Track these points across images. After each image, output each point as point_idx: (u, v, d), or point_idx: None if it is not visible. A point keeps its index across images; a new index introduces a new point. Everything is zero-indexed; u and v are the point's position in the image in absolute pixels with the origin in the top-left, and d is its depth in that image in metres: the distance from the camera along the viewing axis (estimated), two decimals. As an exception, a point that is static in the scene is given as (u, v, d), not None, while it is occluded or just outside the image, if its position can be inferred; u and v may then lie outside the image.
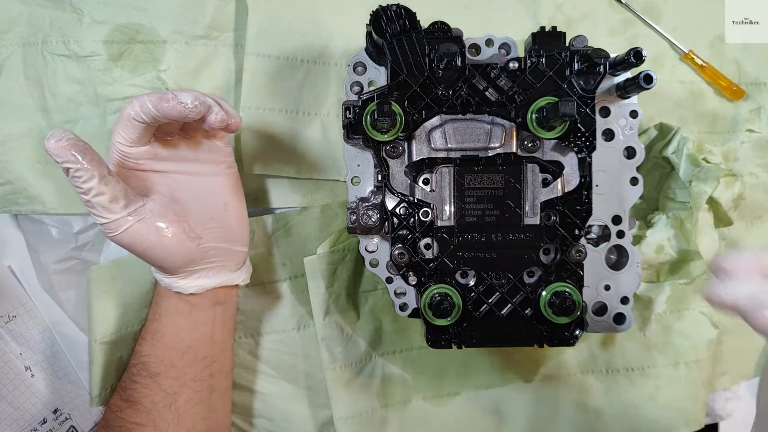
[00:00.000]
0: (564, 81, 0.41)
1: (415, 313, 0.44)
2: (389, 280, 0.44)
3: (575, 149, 0.42)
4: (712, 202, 0.49)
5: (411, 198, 0.42)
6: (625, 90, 0.42)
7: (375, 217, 0.42)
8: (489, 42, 0.43)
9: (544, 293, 0.42)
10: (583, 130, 0.41)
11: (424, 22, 0.41)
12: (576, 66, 0.40)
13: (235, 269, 0.44)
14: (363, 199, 0.44)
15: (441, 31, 0.41)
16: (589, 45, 0.41)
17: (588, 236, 0.44)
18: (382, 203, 0.43)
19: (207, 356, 0.45)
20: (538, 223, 0.42)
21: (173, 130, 0.40)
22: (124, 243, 0.38)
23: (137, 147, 0.38)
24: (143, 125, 0.37)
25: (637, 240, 0.49)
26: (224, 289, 0.45)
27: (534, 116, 0.41)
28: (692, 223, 0.48)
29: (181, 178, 0.41)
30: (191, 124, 0.40)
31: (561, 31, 0.42)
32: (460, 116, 0.42)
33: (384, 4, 0.40)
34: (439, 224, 0.42)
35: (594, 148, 0.41)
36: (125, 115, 0.36)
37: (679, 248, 0.49)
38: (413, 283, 0.42)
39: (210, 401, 0.46)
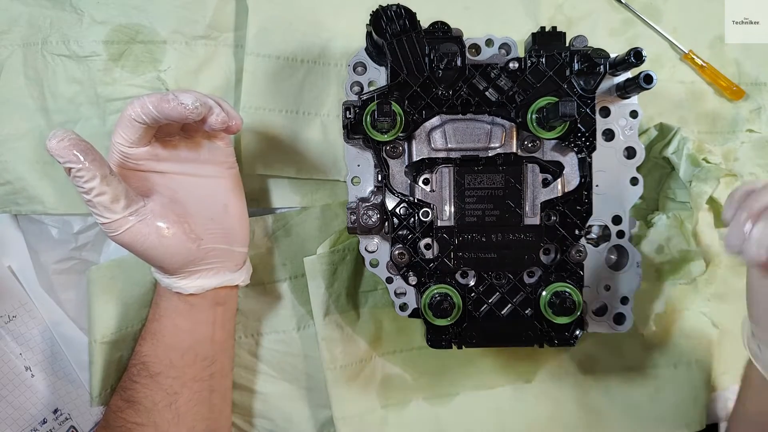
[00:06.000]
0: (564, 81, 0.41)
1: (416, 313, 0.44)
2: (389, 280, 0.44)
3: (575, 149, 0.42)
4: (712, 202, 0.49)
5: (411, 198, 0.42)
6: (625, 90, 0.42)
7: (375, 217, 0.42)
8: (489, 42, 0.43)
9: (544, 293, 0.42)
10: (583, 130, 0.41)
11: (424, 22, 0.41)
12: (576, 66, 0.40)
13: (235, 270, 0.44)
14: (363, 199, 0.44)
15: (441, 31, 0.41)
16: (589, 45, 0.41)
17: (588, 236, 0.44)
18: (382, 203, 0.43)
19: (207, 356, 0.45)
20: (538, 223, 0.42)
21: (174, 131, 0.40)
22: (124, 243, 0.38)
23: (138, 148, 0.38)
24: (144, 126, 0.37)
25: (637, 240, 0.49)
26: (224, 289, 0.45)
27: (534, 116, 0.40)
28: (692, 223, 0.48)
29: (182, 179, 0.41)
30: (192, 125, 0.40)
31: (561, 32, 0.42)
32: (460, 116, 0.42)
33: (384, 4, 0.40)
34: (439, 224, 0.42)
35: (594, 148, 0.41)
36: (126, 116, 0.36)
37: (679, 248, 0.49)
38: (413, 283, 0.42)
39: (210, 401, 0.46)
